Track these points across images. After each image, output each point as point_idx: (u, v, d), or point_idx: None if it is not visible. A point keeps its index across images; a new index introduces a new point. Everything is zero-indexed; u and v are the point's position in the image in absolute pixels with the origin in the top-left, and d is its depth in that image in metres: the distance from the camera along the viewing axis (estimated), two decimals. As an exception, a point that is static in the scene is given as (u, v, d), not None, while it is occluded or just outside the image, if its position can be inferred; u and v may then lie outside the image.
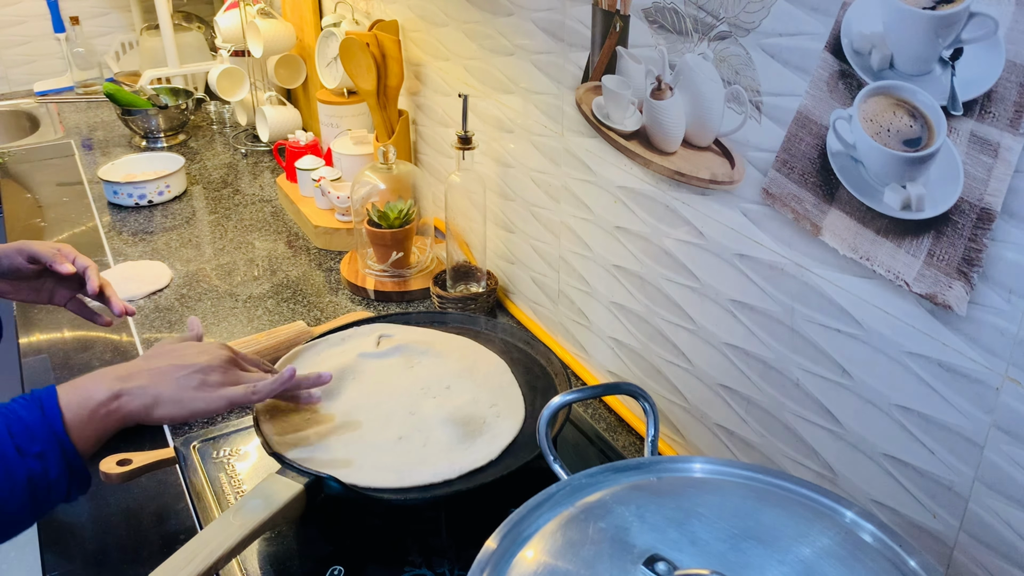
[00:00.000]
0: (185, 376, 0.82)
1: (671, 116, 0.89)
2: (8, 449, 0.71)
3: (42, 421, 0.74)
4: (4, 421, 0.73)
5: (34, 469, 0.72)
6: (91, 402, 0.77)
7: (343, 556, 0.87)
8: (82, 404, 0.77)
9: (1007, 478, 0.64)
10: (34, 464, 0.72)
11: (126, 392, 0.79)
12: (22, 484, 0.71)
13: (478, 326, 1.12)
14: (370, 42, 1.42)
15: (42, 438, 0.73)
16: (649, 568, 0.55)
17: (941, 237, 0.64)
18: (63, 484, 0.74)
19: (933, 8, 0.61)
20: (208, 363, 0.84)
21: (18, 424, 0.73)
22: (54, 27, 2.49)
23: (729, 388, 0.91)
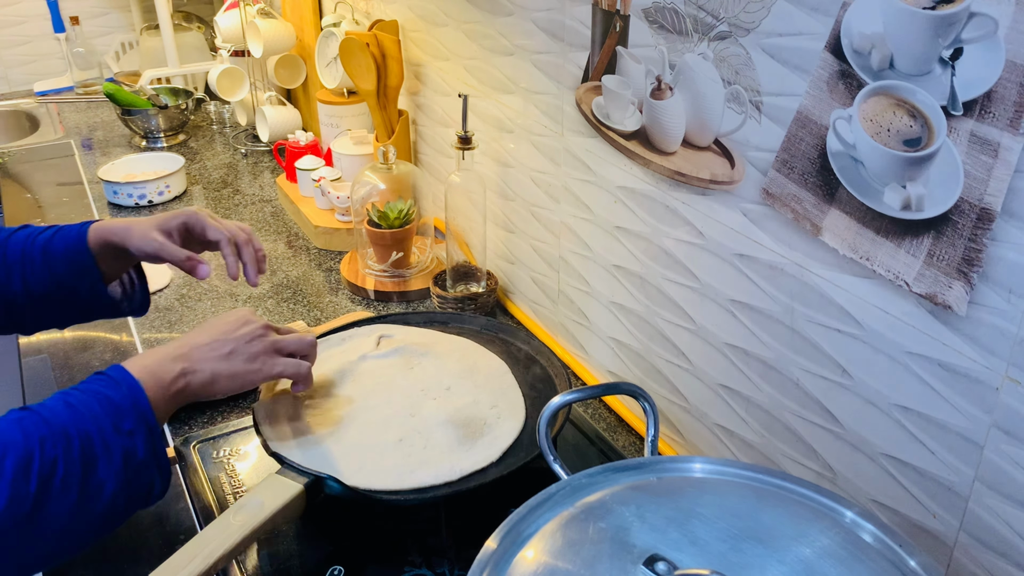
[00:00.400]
0: (235, 350, 0.83)
1: (671, 116, 0.89)
2: (106, 425, 0.70)
3: (130, 400, 0.72)
4: (95, 400, 0.71)
5: (127, 446, 0.70)
6: (164, 381, 0.77)
7: (343, 556, 0.87)
8: (158, 384, 0.76)
9: (1007, 478, 0.64)
10: (127, 441, 0.70)
11: (190, 371, 0.80)
12: (119, 464, 0.69)
13: (478, 326, 1.12)
14: (370, 42, 1.42)
15: (132, 417, 0.72)
16: (649, 568, 0.55)
17: (941, 237, 0.64)
18: (150, 468, 0.72)
19: (933, 8, 0.61)
20: (251, 333, 0.85)
21: (108, 403, 0.71)
22: (54, 27, 2.50)
23: (729, 388, 0.91)
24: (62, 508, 0.66)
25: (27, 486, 0.64)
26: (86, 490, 0.67)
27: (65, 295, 0.94)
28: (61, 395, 0.72)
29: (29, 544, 0.65)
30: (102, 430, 0.69)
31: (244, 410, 1.11)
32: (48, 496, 0.65)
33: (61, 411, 0.69)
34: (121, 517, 0.72)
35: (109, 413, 0.71)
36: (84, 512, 0.68)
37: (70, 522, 0.67)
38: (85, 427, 0.69)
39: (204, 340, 0.83)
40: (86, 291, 0.95)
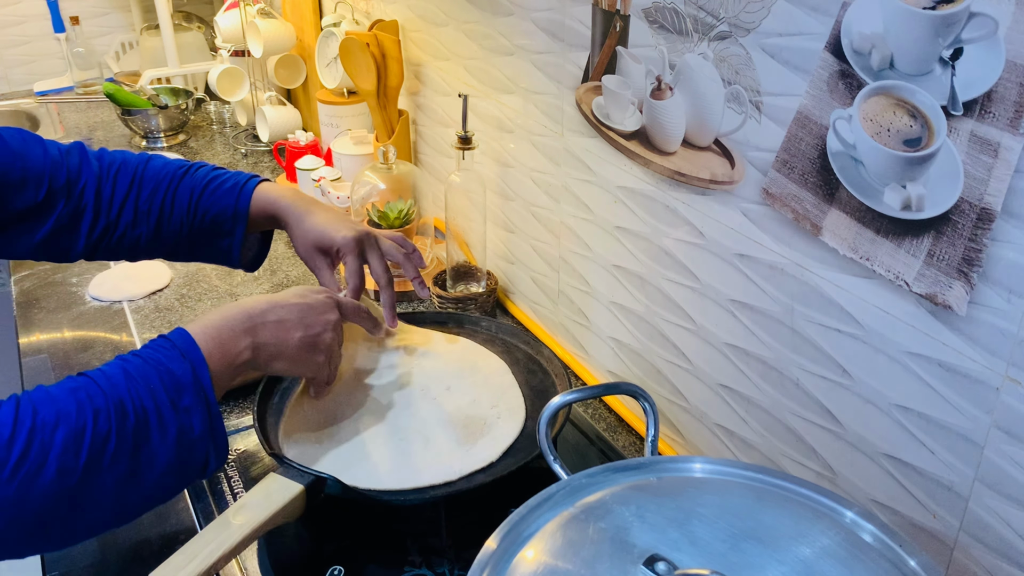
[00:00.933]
0: (305, 340, 0.83)
1: (671, 116, 0.89)
2: (163, 400, 0.68)
3: (191, 375, 0.71)
4: (155, 372, 0.69)
5: (183, 423, 0.69)
6: (229, 355, 0.75)
7: (343, 556, 0.87)
8: (223, 358, 0.75)
9: (1007, 478, 0.64)
10: (184, 418, 0.69)
11: (259, 345, 0.78)
12: (172, 439, 0.68)
13: (478, 326, 1.12)
14: (370, 42, 1.42)
15: (191, 393, 0.70)
16: (649, 568, 0.55)
17: (941, 237, 0.64)
18: (205, 444, 0.71)
19: (933, 8, 0.61)
20: (324, 327, 0.85)
21: (169, 376, 0.70)
22: (54, 27, 2.49)
23: (729, 388, 0.91)
24: (110, 481, 0.65)
25: (76, 460, 0.63)
26: (136, 464, 0.67)
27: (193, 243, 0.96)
28: (120, 361, 0.70)
29: (77, 513, 0.65)
30: (159, 405, 0.68)
31: (244, 410, 1.11)
32: (97, 469, 0.64)
33: (120, 381, 0.68)
34: (173, 490, 0.72)
35: (168, 388, 0.69)
36: (134, 485, 0.67)
37: (119, 494, 0.66)
38: (142, 401, 0.67)
39: (275, 316, 0.81)
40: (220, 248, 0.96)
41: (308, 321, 0.83)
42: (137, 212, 0.93)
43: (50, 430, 0.63)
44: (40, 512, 0.62)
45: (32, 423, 0.63)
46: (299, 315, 0.83)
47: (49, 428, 0.63)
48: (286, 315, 0.82)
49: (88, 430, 0.64)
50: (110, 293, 1.41)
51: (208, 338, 0.75)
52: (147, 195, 0.94)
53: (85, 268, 1.51)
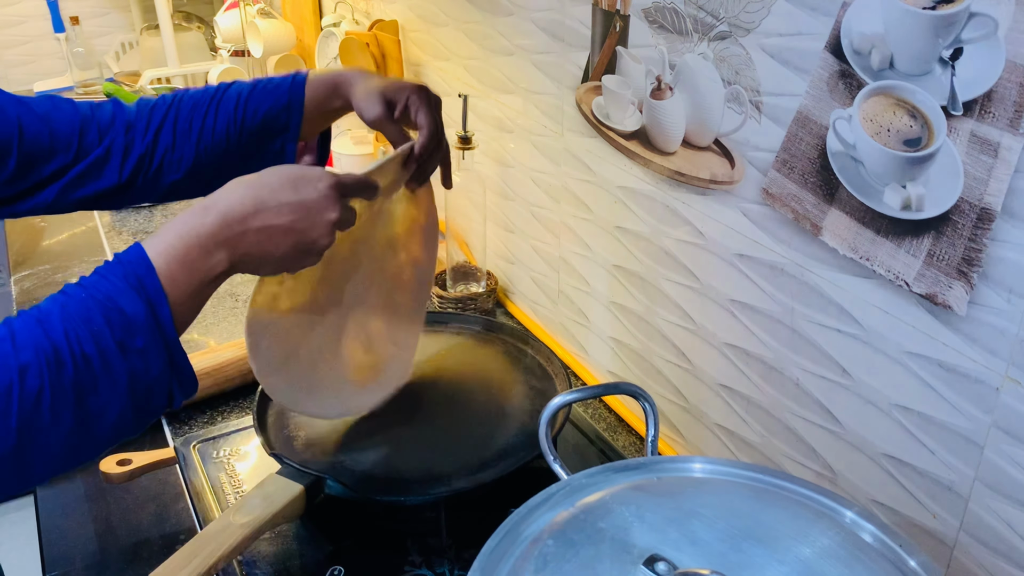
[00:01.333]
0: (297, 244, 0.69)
1: (671, 116, 0.89)
2: (109, 344, 0.60)
3: (145, 311, 0.62)
4: (100, 310, 0.61)
5: (136, 367, 0.62)
6: (198, 275, 0.65)
7: (343, 556, 0.87)
8: (189, 280, 0.65)
9: (1007, 478, 0.64)
10: (136, 361, 0.62)
11: (238, 258, 0.67)
12: (123, 385, 0.61)
13: (478, 326, 1.12)
14: (370, 42, 1.42)
15: (144, 333, 0.62)
16: (649, 568, 0.55)
17: (941, 237, 0.64)
18: (164, 382, 0.64)
19: (933, 8, 0.61)
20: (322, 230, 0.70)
21: (117, 315, 0.61)
22: (54, 27, 2.49)
23: (729, 388, 0.91)
24: (55, 437, 0.59)
25: (6, 421, 0.57)
26: (84, 415, 0.60)
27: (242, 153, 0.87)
28: (62, 297, 0.62)
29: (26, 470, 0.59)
30: (103, 351, 0.60)
31: (244, 410, 1.11)
32: (36, 429, 0.58)
33: (55, 325, 0.60)
34: (135, 429, 0.65)
35: (116, 328, 0.61)
36: (85, 434, 0.61)
37: (70, 445, 0.61)
38: (82, 347, 0.60)
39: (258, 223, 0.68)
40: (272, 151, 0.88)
41: (302, 225, 0.69)
42: (176, 134, 0.86)
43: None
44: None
45: None
46: (291, 218, 0.69)
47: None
48: (275, 219, 0.68)
49: (15, 389, 0.57)
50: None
51: (171, 259, 0.64)
52: (186, 114, 0.86)
53: (85, 268, 1.51)
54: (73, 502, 0.97)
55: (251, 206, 0.68)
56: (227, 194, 0.68)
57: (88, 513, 0.96)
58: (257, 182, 0.69)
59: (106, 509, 0.96)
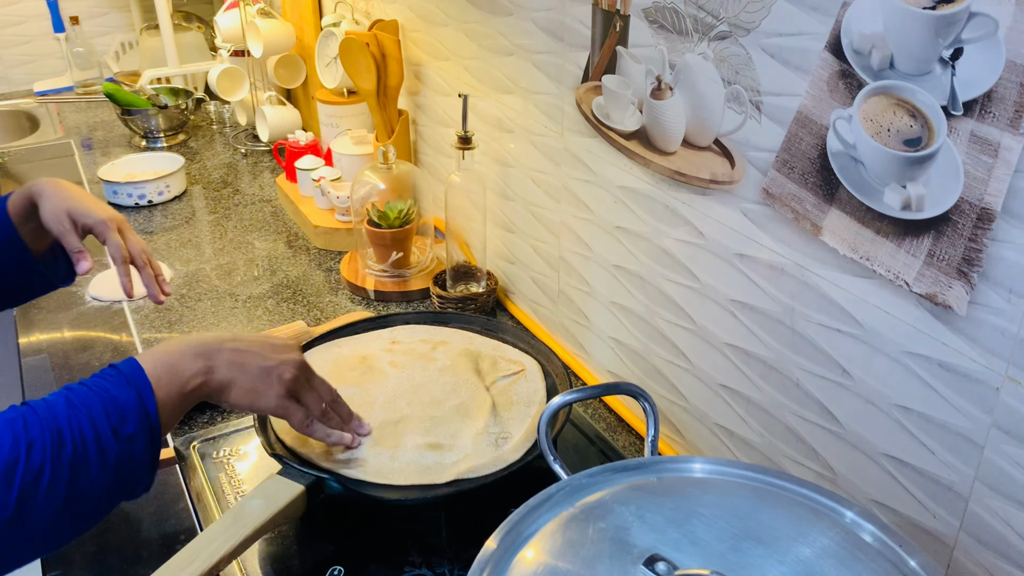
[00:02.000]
0: (263, 369, 0.80)
1: (671, 116, 0.89)
2: (105, 429, 0.68)
3: (136, 402, 0.70)
4: (99, 399, 0.69)
5: (124, 452, 0.68)
6: (180, 379, 0.74)
7: (343, 556, 0.87)
8: (172, 381, 0.73)
9: (1007, 478, 0.64)
10: (125, 447, 0.68)
11: (213, 368, 0.77)
12: (112, 467, 0.68)
13: (478, 326, 1.12)
14: (370, 42, 1.42)
15: (135, 420, 0.69)
16: (649, 568, 0.55)
17: (941, 237, 0.64)
18: (145, 468, 0.71)
19: (933, 8, 0.61)
20: (285, 363, 0.81)
21: (112, 403, 0.69)
22: (54, 27, 2.49)
23: (729, 388, 0.91)
24: (47, 512, 0.64)
25: (8, 493, 0.62)
26: (73, 493, 0.66)
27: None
28: (65, 391, 0.70)
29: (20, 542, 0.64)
30: (99, 436, 0.67)
31: (243, 411, 1.11)
32: (32, 502, 0.63)
33: (60, 411, 0.67)
34: (104, 513, 0.71)
35: (112, 415, 0.69)
36: (69, 513, 0.66)
37: (56, 522, 0.66)
38: (81, 430, 0.67)
39: (240, 346, 0.80)
40: (14, 264, 0.94)
41: (267, 354, 0.81)
42: None
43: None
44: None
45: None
46: (259, 347, 0.81)
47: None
48: (245, 345, 0.80)
49: (21, 463, 0.63)
50: (110, 293, 1.41)
51: (158, 363, 0.74)
52: None
53: (85, 268, 1.51)
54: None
55: (227, 336, 0.81)
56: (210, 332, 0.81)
57: (88, 513, 0.96)
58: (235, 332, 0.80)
59: (106, 509, 0.96)
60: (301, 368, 0.83)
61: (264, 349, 0.82)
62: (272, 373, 0.80)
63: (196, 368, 0.76)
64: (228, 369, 0.78)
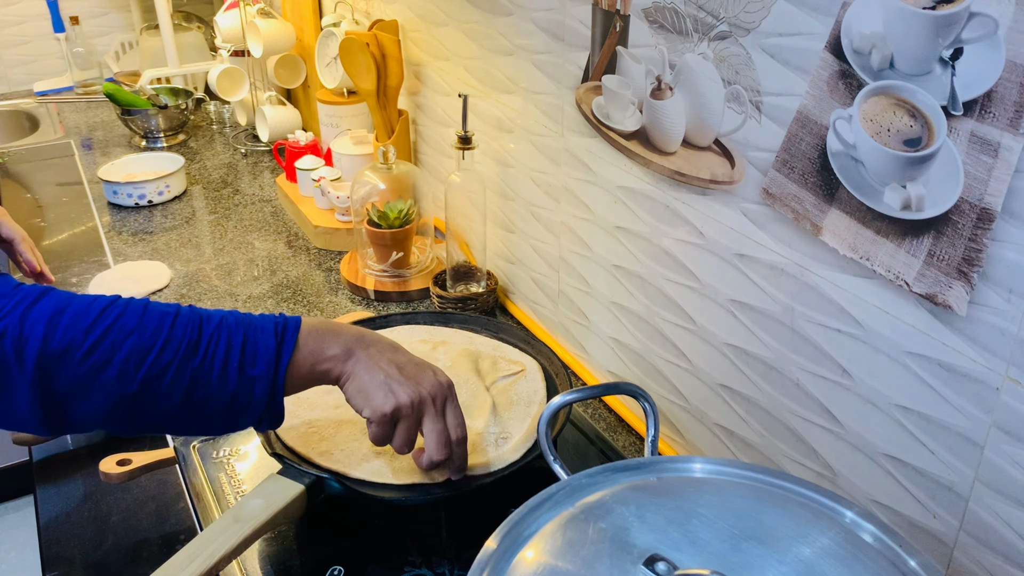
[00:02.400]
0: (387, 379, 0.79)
1: (671, 116, 0.89)
2: (234, 362, 0.73)
3: (272, 352, 0.75)
4: (242, 335, 0.74)
5: (243, 389, 0.74)
6: (320, 355, 0.78)
7: (343, 556, 0.87)
8: (313, 353, 0.77)
9: (1007, 478, 0.64)
10: (245, 384, 0.74)
11: (349, 358, 0.79)
12: (227, 396, 0.73)
13: (478, 326, 1.12)
14: (370, 42, 1.42)
15: (263, 365, 0.74)
16: (649, 568, 0.55)
17: (941, 237, 0.64)
18: (258, 411, 0.75)
19: (933, 8, 0.61)
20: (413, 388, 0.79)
21: (251, 344, 0.74)
22: (54, 27, 2.49)
23: (729, 388, 0.91)
24: (165, 403, 0.72)
25: (136, 372, 0.70)
26: (190, 399, 0.72)
27: None
28: (228, 313, 0.76)
29: (137, 417, 0.72)
30: (227, 364, 0.73)
31: (244, 410, 1.11)
32: (153, 389, 0.71)
33: (211, 325, 0.74)
34: (221, 430, 0.78)
35: (247, 352, 0.74)
36: (186, 413, 0.73)
37: (174, 416, 0.73)
38: (215, 352, 0.73)
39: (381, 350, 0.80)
40: None
41: (401, 375, 0.79)
42: None
43: (124, 335, 0.70)
44: (105, 400, 0.70)
45: (112, 323, 0.70)
46: (401, 363, 0.80)
47: (125, 333, 0.70)
48: (391, 356, 0.80)
49: (154, 351, 0.70)
50: (110, 293, 1.41)
51: (314, 331, 0.78)
52: None
53: (85, 268, 1.51)
54: (73, 502, 0.97)
55: (387, 340, 0.83)
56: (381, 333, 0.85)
57: (88, 513, 0.96)
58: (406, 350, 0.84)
59: (106, 509, 0.96)
60: (419, 401, 0.80)
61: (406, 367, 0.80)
62: (392, 390, 0.79)
63: (337, 348, 0.79)
64: (357, 364, 0.79)
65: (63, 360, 0.68)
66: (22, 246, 1.11)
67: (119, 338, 0.70)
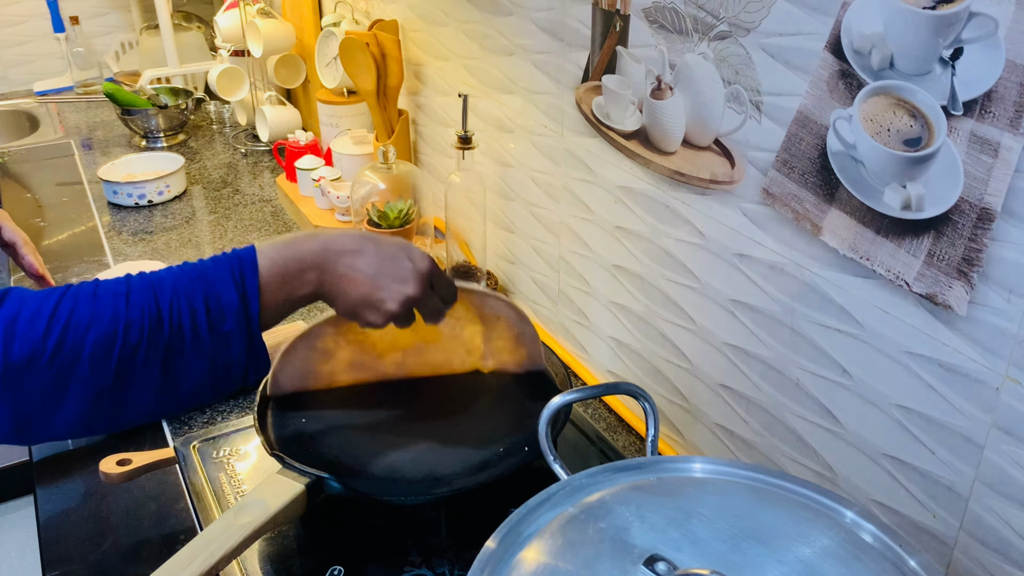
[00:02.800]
0: (366, 297, 0.79)
1: (671, 116, 0.89)
2: (202, 322, 0.71)
3: (238, 304, 0.73)
4: (202, 293, 0.72)
5: (219, 345, 0.72)
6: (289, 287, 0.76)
7: (343, 556, 0.87)
8: (281, 289, 0.75)
9: (1007, 478, 0.64)
10: (220, 342, 0.72)
11: (323, 283, 0.78)
12: (206, 358, 0.72)
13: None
14: (370, 42, 1.42)
15: (233, 319, 0.72)
16: (649, 568, 0.55)
17: (941, 237, 0.64)
18: (241, 364, 0.74)
19: (933, 8, 0.61)
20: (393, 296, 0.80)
21: (215, 300, 0.72)
22: (54, 27, 2.49)
23: (729, 388, 0.91)
24: (145, 385, 0.70)
25: (107, 362, 0.68)
26: (169, 374, 0.71)
27: None
28: (178, 270, 0.74)
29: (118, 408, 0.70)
30: (197, 327, 0.71)
31: (244, 410, 1.11)
32: (130, 374, 0.69)
33: (165, 293, 0.71)
34: (211, 398, 0.76)
35: (212, 310, 0.72)
36: (170, 389, 0.71)
37: (157, 395, 0.71)
38: (180, 319, 0.70)
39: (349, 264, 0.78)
40: None
41: (380, 283, 0.79)
42: None
43: (82, 331, 0.67)
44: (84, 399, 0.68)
45: (67, 320, 0.67)
46: (374, 272, 0.79)
47: (82, 328, 0.67)
48: (363, 266, 0.79)
49: (119, 337, 0.68)
50: (110, 293, 1.41)
51: (273, 265, 0.75)
52: None
53: (85, 268, 1.51)
54: (73, 502, 0.97)
55: (351, 247, 0.79)
56: (338, 232, 0.79)
57: (88, 513, 0.96)
58: (368, 235, 0.81)
59: (106, 509, 0.96)
60: (406, 302, 0.81)
61: (380, 275, 0.79)
62: (373, 306, 0.80)
63: (307, 279, 0.77)
64: (333, 289, 0.78)
65: (30, 369, 0.66)
66: (24, 249, 1.12)
67: (79, 334, 0.67)
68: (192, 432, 1.07)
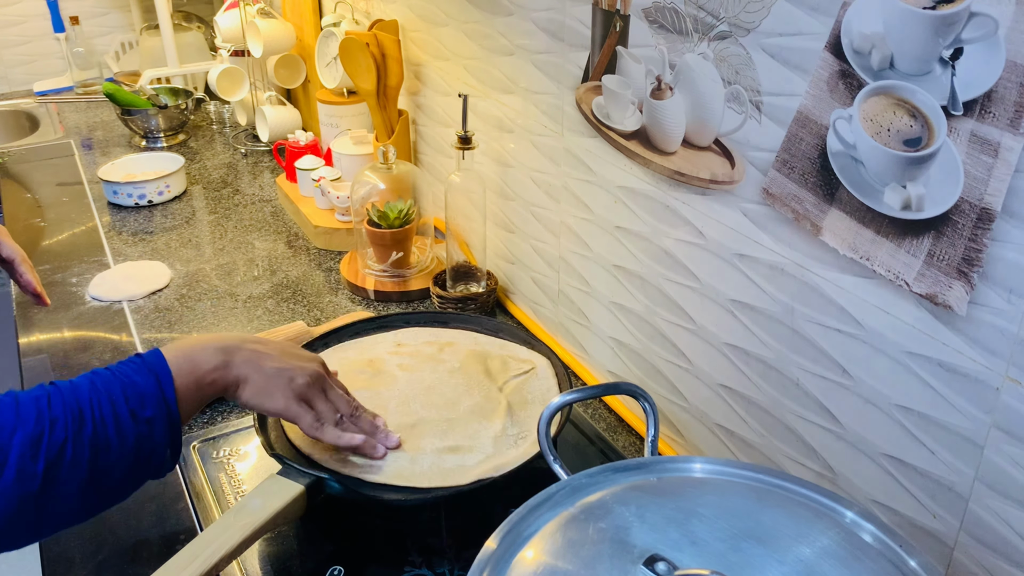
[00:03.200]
0: (278, 370, 0.83)
1: (671, 116, 0.89)
2: (123, 411, 0.72)
3: (155, 388, 0.75)
4: (120, 384, 0.73)
5: (142, 433, 0.73)
6: (199, 371, 0.78)
7: (343, 556, 0.87)
8: (192, 372, 0.78)
9: (1007, 478, 0.64)
10: (143, 429, 0.73)
11: (230, 364, 0.81)
12: (131, 448, 0.72)
13: (478, 326, 1.12)
14: (370, 42, 1.42)
15: (153, 404, 0.74)
16: (649, 568, 0.55)
17: (941, 237, 0.64)
18: (163, 451, 0.75)
19: (933, 8, 0.61)
20: (301, 369, 0.85)
21: (132, 388, 0.74)
22: (54, 27, 2.49)
23: (729, 388, 0.91)
24: (72, 487, 0.69)
25: (35, 465, 0.66)
26: (96, 469, 0.70)
27: None
28: (91, 375, 0.74)
29: (42, 515, 0.68)
30: (118, 418, 0.71)
31: (244, 410, 1.11)
32: (57, 476, 0.68)
33: (83, 393, 0.71)
34: (130, 490, 0.76)
35: (131, 399, 0.73)
36: (95, 487, 0.71)
37: (82, 496, 0.70)
38: (102, 411, 0.71)
39: (258, 348, 0.84)
40: None
41: (286, 360, 0.84)
42: None
43: (8, 434, 0.67)
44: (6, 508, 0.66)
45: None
46: (278, 352, 0.85)
47: (7, 432, 0.67)
48: (265, 348, 0.84)
49: (44, 437, 0.68)
50: (110, 293, 1.41)
51: (180, 354, 0.78)
52: None
53: (85, 268, 1.51)
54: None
55: (252, 337, 0.85)
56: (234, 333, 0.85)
57: (88, 513, 0.96)
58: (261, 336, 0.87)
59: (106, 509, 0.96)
60: (315, 377, 0.86)
61: (283, 354, 0.85)
62: (284, 375, 0.83)
63: (215, 362, 0.80)
64: (244, 366, 0.81)
65: None
66: (22, 267, 1.11)
67: (5, 437, 0.66)
68: (192, 432, 1.07)
